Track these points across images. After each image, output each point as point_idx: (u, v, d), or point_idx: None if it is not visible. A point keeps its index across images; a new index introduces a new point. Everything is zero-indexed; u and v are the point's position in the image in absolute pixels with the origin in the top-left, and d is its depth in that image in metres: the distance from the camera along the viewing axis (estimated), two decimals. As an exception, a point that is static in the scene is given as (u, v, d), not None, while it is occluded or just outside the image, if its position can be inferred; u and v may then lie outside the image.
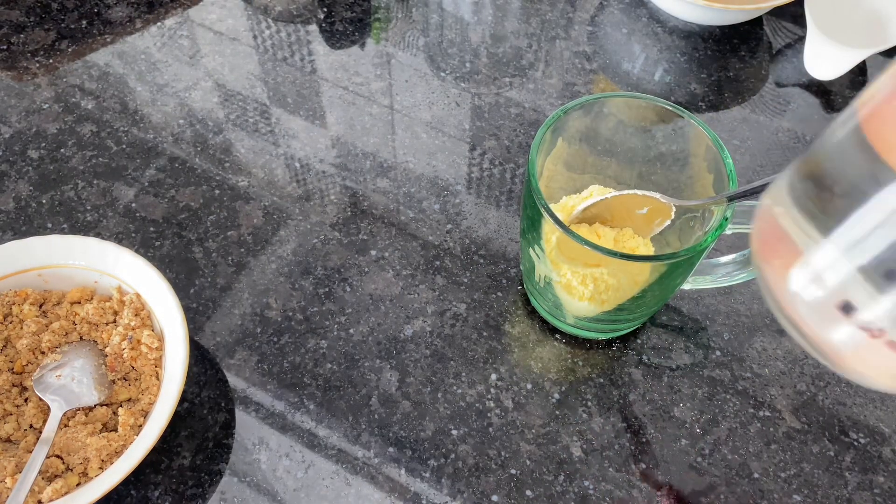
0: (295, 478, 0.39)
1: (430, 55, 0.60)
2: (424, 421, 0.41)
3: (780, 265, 0.23)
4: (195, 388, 0.42)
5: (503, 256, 0.48)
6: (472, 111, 0.56)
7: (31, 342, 0.40)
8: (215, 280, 0.46)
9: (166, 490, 0.39)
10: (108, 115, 0.54)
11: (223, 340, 0.44)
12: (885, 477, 0.40)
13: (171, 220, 0.49)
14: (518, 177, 0.52)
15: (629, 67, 0.60)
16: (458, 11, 0.63)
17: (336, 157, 0.53)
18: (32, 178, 0.50)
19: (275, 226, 0.49)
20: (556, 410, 0.42)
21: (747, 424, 0.42)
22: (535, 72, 0.59)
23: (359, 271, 0.47)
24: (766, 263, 0.24)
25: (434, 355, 0.44)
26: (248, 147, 0.53)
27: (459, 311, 0.45)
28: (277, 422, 0.41)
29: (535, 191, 0.36)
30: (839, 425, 0.42)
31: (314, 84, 0.57)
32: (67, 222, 0.48)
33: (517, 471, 0.40)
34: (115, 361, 0.40)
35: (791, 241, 0.23)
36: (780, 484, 0.40)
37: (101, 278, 0.42)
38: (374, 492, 0.39)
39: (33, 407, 0.39)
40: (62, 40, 0.59)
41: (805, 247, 0.22)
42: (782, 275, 0.23)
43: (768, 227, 0.24)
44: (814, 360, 0.45)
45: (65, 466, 0.37)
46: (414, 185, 0.51)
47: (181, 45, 0.59)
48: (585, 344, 0.45)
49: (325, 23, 0.61)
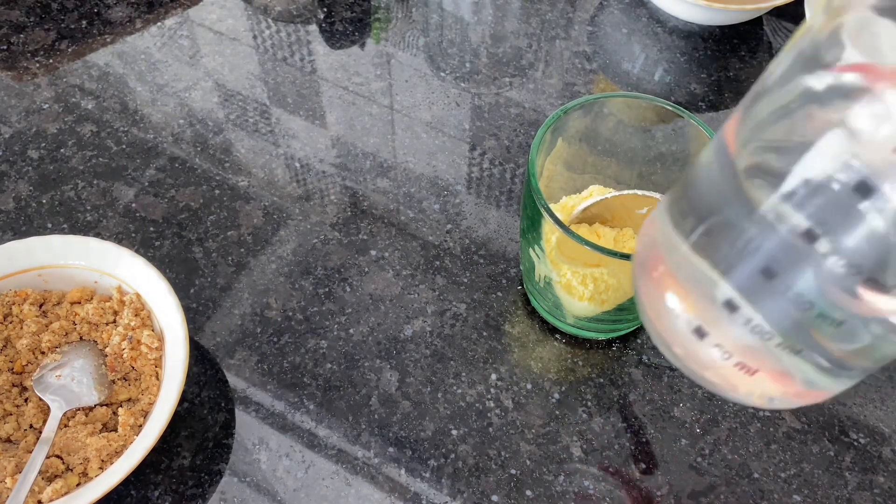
0: (295, 478, 0.39)
1: (430, 55, 0.60)
2: (424, 421, 0.41)
3: (653, 283, 0.24)
4: (195, 388, 0.42)
5: (503, 256, 0.48)
6: (472, 111, 0.56)
7: (31, 342, 0.40)
8: (215, 280, 0.46)
9: (166, 490, 0.39)
10: (108, 115, 0.54)
11: (223, 340, 0.44)
12: (885, 477, 0.40)
13: (171, 220, 0.49)
14: (518, 177, 0.52)
15: (629, 67, 0.60)
16: (458, 11, 0.63)
17: (336, 157, 0.53)
18: (32, 178, 0.50)
19: (275, 226, 0.49)
20: (556, 410, 0.42)
21: (747, 424, 0.42)
22: (535, 72, 0.59)
23: (359, 271, 0.47)
24: (640, 278, 0.24)
25: (434, 355, 0.44)
26: (248, 147, 0.53)
27: (459, 311, 0.45)
28: (277, 422, 0.41)
29: (535, 191, 0.36)
30: (839, 425, 0.42)
31: (314, 84, 0.57)
32: (67, 222, 0.48)
33: (517, 471, 0.40)
34: (115, 361, 0.40)
35: (662, 260, 0.23)
36: (780, 484, 0.40)
37: (101, 278, 0.42)
38: (374, 492, 0.39)
39: (33, 407, 0.39)
40: (62, 40, 0.59)
41: (673, 268, 0.22)
42: (656, 293, 0.23)
43: (645, 243, 0.24)
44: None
45: (65, 466, 0.37)
46: (414, 185, 0.51)
47: (181, 45, 0.59)
48: (585, 344, 0.44)
49: (325, 23, 0.61)
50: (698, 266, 0.21)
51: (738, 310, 0.20)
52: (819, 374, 0.21)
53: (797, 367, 0.21)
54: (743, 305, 0.20)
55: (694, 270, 0.21)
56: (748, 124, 0.20)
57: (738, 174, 0.20)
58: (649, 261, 0.24)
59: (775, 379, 0.22)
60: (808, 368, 0.21)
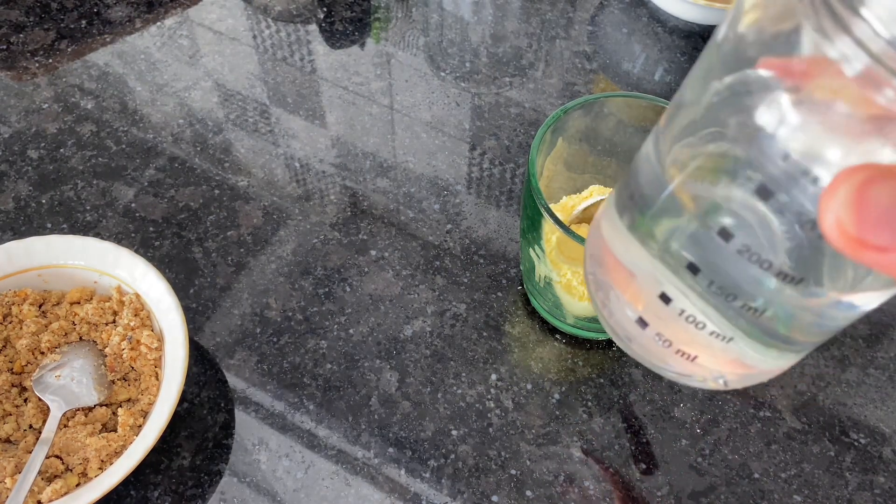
0: (295, 478, 0.39)
1: (430, 55, 0.59)
2: (424, 421, 0.41)
3: (601, 273, 0.24)
4: (195, 389, 0.42)
5: (503, 256, 0.48)
6: (472, 111, 0.56)
7: (31, 342, 0.40)
8: (215, 280, 0.46)
9: (166, 490, 0.38)
10: (108, 114, 0.54)
11: (223, 341, 0.44)
12: (885, 477, 0.40)
13: (170, 220, 0.49)
14: (518, 177, 0.52)
15: (629, 67, 0.60)
16: (458, 11, 0.63)
17: (336, 157, 0.53)
18: (32, 178, 0.50)
19: (274, 226, 0.49)
20: (557, 411, 0.42)
21: (747, 425, 0.42)
22: (535, 71, 0.59)
23: (359, 271, 0.47)
24: (589, 269, 0.25)
25: (434, 355, 0.44)
26: (247, 147, 0.53)
27: (459, 312, 0.45)
28: (277, 422, 0.41)
29: (535, 191, 0.36)
30: (839, 426, 0.42)
31: (314, 84, 0.57)
32: (67, 222, 0.48)
33: (517, 471, 0.40)
34: (114, 362, 0.40)
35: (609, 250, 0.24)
36: (781, 484, 0.40)
37: (101, 278, 0.42)
38: (373, 492, 0.39)
39: (33, 407, 0.39)
40: (62, 40, 0.59)
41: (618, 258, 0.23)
42: (604, 283, 0.24)
43: (594, 234, 0.25)
44: (814, 360, 0.45)
45: (64, 467, 0.37)
46: (414, 185, 0.51)
47: (181, 45, 0.59)
48: (586, 344, 0.44)
49: (325, 22, 0.61)
50: (637, 257, 0.22)
51: (671, 301, 0.21)
52: (758, 354, 0.22)
53: (733, 351, 0.22)
54: (675, 297, 0.21)
55: (634, 261, 0.22)
56: (671, 113, 0.20)
57: (666, 168, 0.20)
58: (598, 251, 0.24)
59: (718, 363, 0.23)
60: (745, 351, 0.22)
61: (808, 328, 0.21)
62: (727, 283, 0.19)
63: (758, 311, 0.19)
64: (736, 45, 0.17)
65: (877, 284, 0.18)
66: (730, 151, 0.17)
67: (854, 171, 0.14)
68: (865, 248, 0.14)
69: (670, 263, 0.20)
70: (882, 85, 0.14)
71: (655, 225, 0.21)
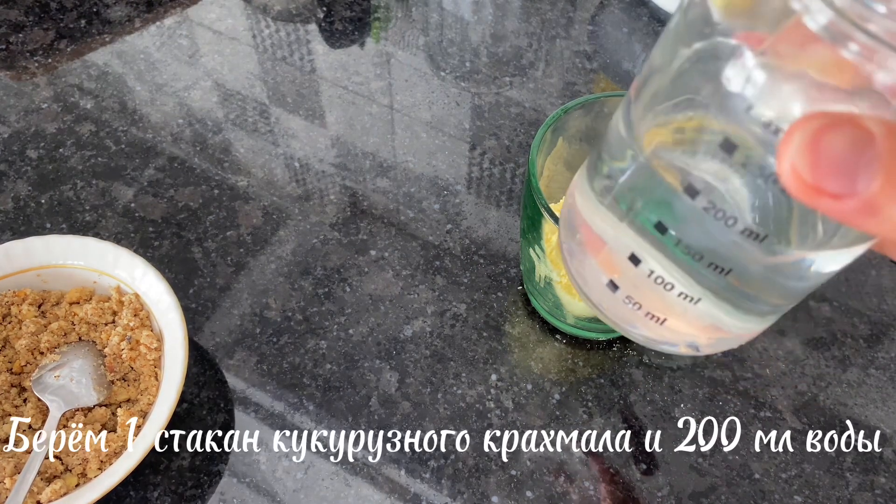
0: (294, 478, 0.39)
1: (429, 55, 0.59)
2: (424, 421, 0.41)
3: (574, 242, 0.25)
4: (194, 389, 0.42)
5: (503, 256, 0.48)
6: (472, 111, 0.56)
7: (30, 342, 0.40)
8: (214, 280, 0.46)
9: (165, 491, 0.38)
10: (107, 114, 0.54)
11: (222, 341, 0.44)
12: (886, 478, 0.40)
13: (170, 220, 0.49)
14: (518, 177, 0.52)
15: (629, 67, 0.60)
16: (458, 11, 0.63)
17: (336, 157, 0.53)
18: (31, 177, 0.50)
19: (274, 226, 0.49)
20: (557, 411, 0.42)
21: (748, 425, 0.42)
22: (535, 71, 0.59)
23: (358, 271, 0.47)
24: (563, 238, 0.25)
25: (434, 356, 0.44)
26: (247, 147, 0.53)
27: (459, 312, 0.45)
28: (277, 422, 0.41)
29: (535, 191, 0.36)
30: (840, 426, 0.42)
31: (314, 83, 0.57)
32: (66, 222, 0.48)
33: (517, 471, 0.40)
34: (113, 362, 0.40)
35: (581, 217, 0.24)
36: (781, 485, 0.40)
37: (100, 278, 0.42)
38: (373, 493, 0.39)
39: (32, 407, 0.39)
40: (61, 40, 0.59)
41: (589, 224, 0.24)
42: (577, 251, 0.25)
43: (568, 203, 0.25)
44: (815, 361, 0.45)
45: (64, 467, 0.37)
46: (414, 185, 0.51)
47: (180, 45, 0.59)
48: (586, 344, 0.44)
49: (325, 22, 0.61)
50: (608, 222, 0.22)
51: (640, 263, 0.21)
52: (727, 316, 0.22)
53: (702, 313, 0.22)
54: (644, 259, 0.21)
55: (605, 227, 0.22)
56: (641, 81, 0.21)
57: (636, 135, 0.21)
58: (571, 219, 0.25)
59: (688, 326, 0.23)
60: (714, 313, 0.22)
61: (775, 289, 0.21)
62: (693, 241, 0.19)
63: (724, 271, 0.19)
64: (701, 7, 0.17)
65: (844, 242, 0.18)
66: (696, 109, 0.18)
67: (809, 118, 0.14)
68: (820, 195, 0.14)
69: (638, 225, 0.21)
70: (846, 39, 0.14)
71: (625, 189, 0.21)
